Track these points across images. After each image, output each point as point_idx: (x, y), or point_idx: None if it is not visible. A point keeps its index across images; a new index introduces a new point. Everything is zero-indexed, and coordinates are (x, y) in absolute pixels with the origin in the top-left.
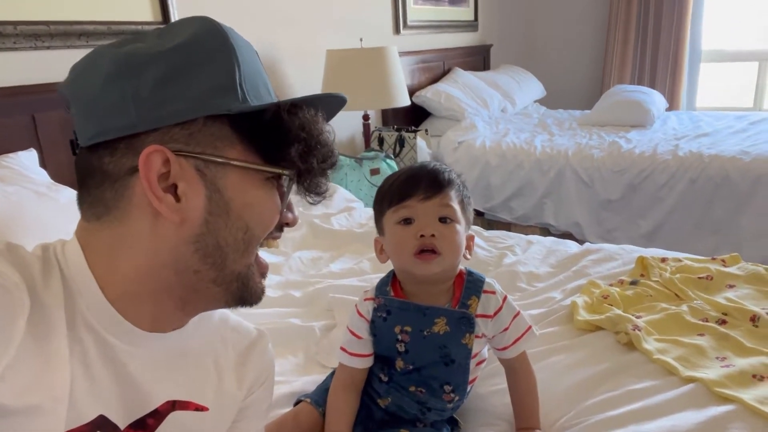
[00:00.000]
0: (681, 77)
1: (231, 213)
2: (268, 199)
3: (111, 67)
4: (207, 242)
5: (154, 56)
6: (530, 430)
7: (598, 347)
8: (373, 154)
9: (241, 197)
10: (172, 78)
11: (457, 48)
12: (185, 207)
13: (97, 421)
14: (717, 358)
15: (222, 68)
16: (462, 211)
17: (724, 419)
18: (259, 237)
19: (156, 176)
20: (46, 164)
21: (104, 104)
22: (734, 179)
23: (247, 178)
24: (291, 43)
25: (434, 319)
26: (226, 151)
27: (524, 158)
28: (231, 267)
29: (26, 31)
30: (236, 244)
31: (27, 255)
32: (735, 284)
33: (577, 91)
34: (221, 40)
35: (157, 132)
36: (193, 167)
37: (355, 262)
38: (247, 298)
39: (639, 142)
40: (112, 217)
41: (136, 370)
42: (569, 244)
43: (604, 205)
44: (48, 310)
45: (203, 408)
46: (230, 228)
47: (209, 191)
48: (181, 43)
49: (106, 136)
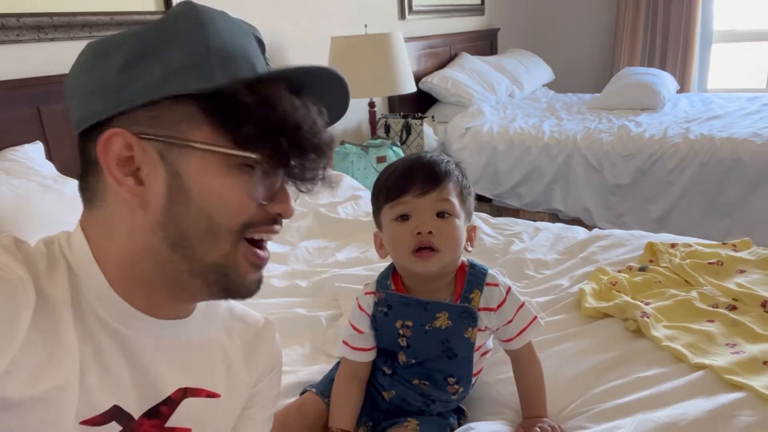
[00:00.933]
0: (692, 58)
1: (191, 201)
2: (234, 186)
3: (87, 56)
4: (171, 231)
5: (120, 41)
6: (537, 419)
7: (606, 335)
8: (380, 142)
9: (201, 184)
10: (135, 61)
11: (463, 32)
12: (147, 191)
13: (111, 411)
14: (727, 344)
15: (186, 46)
16: (461, 204)
17: (734, 407)
18: (228, 227)
19: (114, 159)
20: (52, 157)
21: (81, 92)
22: (746, 162)
23: (211, 163)
24: (295, 30)
25: (436, 314)
26: (191, 133)
27: (532, 143)
28: (202, 258)
29: (29, 23)
30: (200, 235)
31: (31, 250)
32: (746, 269)
33: (586, 74)
34: (190, 17)
35: (123, 116)
36: (156, 151)
37: (362, 251)
38: (233, 289)
39: (649, 126)
40: (98, 202)
41: (147, 358)
42: (577, 231)
43: (613, 190)
44: (54, 304)
45: (215, 394)
46: (191, 217)
47: (169, 176)
48: (149, 26)
49: (85, 124)
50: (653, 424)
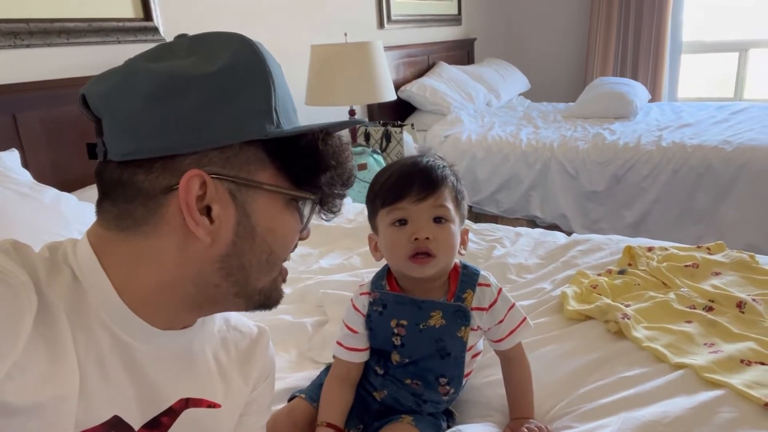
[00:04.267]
0: (662, 68)
1: (256, 237)
2: (290, 221)
3: (151, 87)
4: (232, 263)
5: (196, 79)
6: (525, 419)
7: (588, 336)
8: (360, 149)
9: (266, 222)
10: (213, 102)
11: (441, 42)
12: (218, 229)
13: (111, 422)
14: (705, 344)
15: (260, 93)
16: (456, 208)
17: (714, 404)
18: (282, 258)
19: (194, 199)
20: (28, 164)
21: (144, 124)
22: (717, 168)
23: (275, 201)
24: (274, 38)
25: (430, 313)
26: (258, 174)
27: (510, 151)
28: (254, 285)
29: (4, 29)
30: (260, 266)
31: (33, 255)
32: (720, 271)
33: (560, 83)
34: (260, 64)
35: (196, 155)
36: (227, 190)
37: (345, 257)
38: (267, 305)
39: (623, 134)
40: (139, 231)
41: (150, 368)
42: (557, 236)
43: (589, 197)
44: (55, 310)
45: (216, 405)
46: (255, 251)
47: (239, 214)
48: (222, 67)
49: (143, 155)
50: (637, 422)
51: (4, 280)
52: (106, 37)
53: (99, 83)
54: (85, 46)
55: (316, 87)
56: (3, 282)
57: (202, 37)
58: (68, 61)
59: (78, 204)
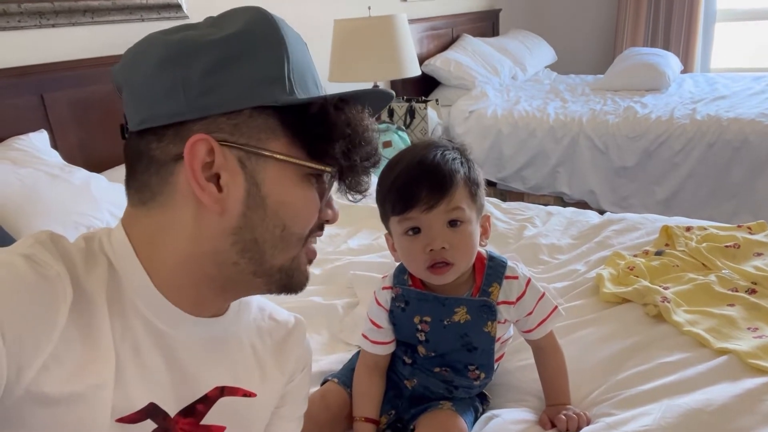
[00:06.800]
0: (695, 38)
1: (267, 209)
2: (306, 196)
3: (163, 54)
4: (244, 236)
5: (205, 44)
6: (561, 406)
7: (626, 320)
8: (384, 126)
9: (277, 194)
10: (222, 67)
11: (465, 14)
12: (226, 198)
13: (147, 409)
14: (749, 328)
15: (271, 59)
16: (471, 204)
17: (760, 391)
18: (299, 234)
19: (200, 165)
20: (57, 145)
21: (154, 90)
22: (753, 143)
23: (287, 173)
24: (297, 13)
25: (454, 309)
26: (270, 143)
27: (537, 126)
28: (270, 262)
29: (30, 9)
30: (273, 241)
31: (69, 246)
32: (762, 252)
33: (588, 54)
34: (272, 31)
35: (204, 120)
36: (236, 158)
37: (374, 237)
38: (291, 287)
39: (655, 107)
40: (156, 203)
41: (185, 355)
42: (590, 215)
43: (618, 172)
44: (91, 300)
45: (251, 394)
46: (266, 225)
47: (248, 184)
48: (232, 32)
49: (154, 122)
50: (680, 410)
51: (39, 272)
52: (130, 15)
53: (122, 57)
54: (110, 25)
55: (340, 63)
56: (38, 273)
57: (224, 13)
58: (93, 41)
59: (108, 185)
